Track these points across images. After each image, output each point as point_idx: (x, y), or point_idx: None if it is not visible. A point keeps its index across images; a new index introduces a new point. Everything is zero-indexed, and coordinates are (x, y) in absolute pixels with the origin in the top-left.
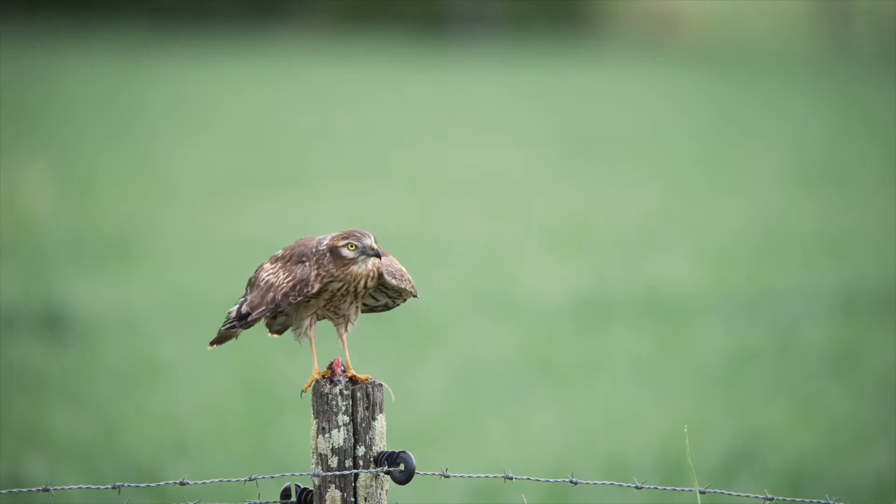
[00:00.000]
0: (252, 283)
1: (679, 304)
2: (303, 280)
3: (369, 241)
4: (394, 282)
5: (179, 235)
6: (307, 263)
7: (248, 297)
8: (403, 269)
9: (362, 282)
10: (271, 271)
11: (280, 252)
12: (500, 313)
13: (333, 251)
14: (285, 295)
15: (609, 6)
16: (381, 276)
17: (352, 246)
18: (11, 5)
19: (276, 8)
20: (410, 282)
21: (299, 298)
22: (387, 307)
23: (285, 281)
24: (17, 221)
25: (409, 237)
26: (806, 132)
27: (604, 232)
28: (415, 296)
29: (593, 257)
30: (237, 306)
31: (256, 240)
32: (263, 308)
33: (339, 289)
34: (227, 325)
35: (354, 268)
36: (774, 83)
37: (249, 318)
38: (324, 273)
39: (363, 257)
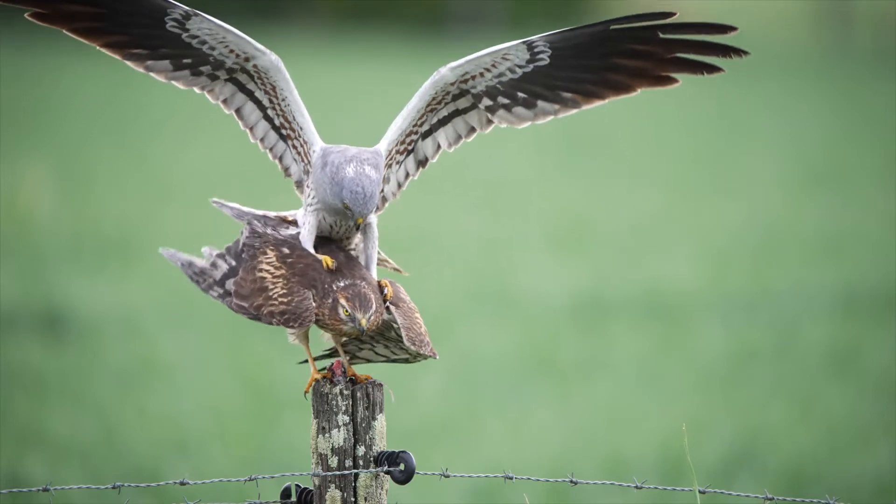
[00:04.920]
0: (246, 254)
1: (679, 304)
2: (296, 315)
3: (360, 318)
4: (413, 348)
5: (179, 235)
6: (311, 296)
7: (240, 274)
8: (423, 332)
9: (356, 334)
10: (272, 271)
11: (286, 250)
12: (499, 313)
13: (335, 301)
14: (271, 314)
15: (609, 6)
16: (399, 334)
17: (346, 311)
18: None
19: (276, 8)
20: (430, 346)
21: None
22: (406, 361)
23: (280, 300)
24: (17, 221)
25: (408, 236)
26: (806, 132)
27: (604, 231)
28: (435, 357)
29: (593, 257)
30: (219, 270)
31: None
32: (247, 308)
33: (333, 333)
34: (202, 283)
35: (343, 327)
36: (774, 83)
37: (227, 302)
38: (320, 314)
39: (352, 325)
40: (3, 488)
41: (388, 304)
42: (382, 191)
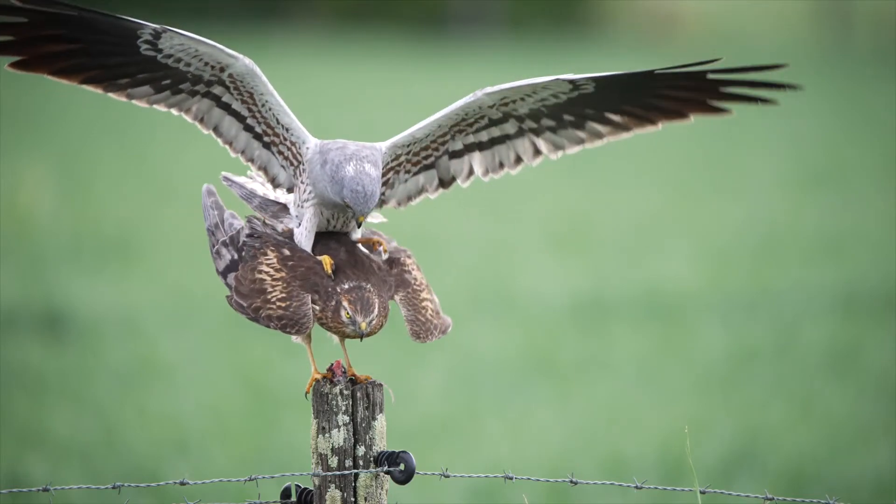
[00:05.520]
0: (246, 253)
1: (679, 304)
2: (294, 321)
3: (360, 321)
4: (416, 341)
5: (179, 235)
6: (313, 299)
7: (240, 271)
8: (429, 317)
9: (357, 337)
10: (272, 273)
11: (287, 252)
12: (499, 313)
13: (338, 303)
14: (269, 318)
15: (609, 6)
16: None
17: (347, 314)
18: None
19: (276, 8)
20: (438, 330)
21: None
22: None
23: (278, 304)
24: (17, 221)
25: (408, 237)
26: (806, 132)
27: (604, 232)
28: (446, 333)
29: (593, 257)
30: (223, 259)
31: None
32: (245, 308)
33: (336, 334)
34: (215, 260)
35: (345, 329)
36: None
37: (228, 297)
38: (322, 316)
39: (353, 328)
40: (3, 488)
41: (389, 286)
42: (384, 194)
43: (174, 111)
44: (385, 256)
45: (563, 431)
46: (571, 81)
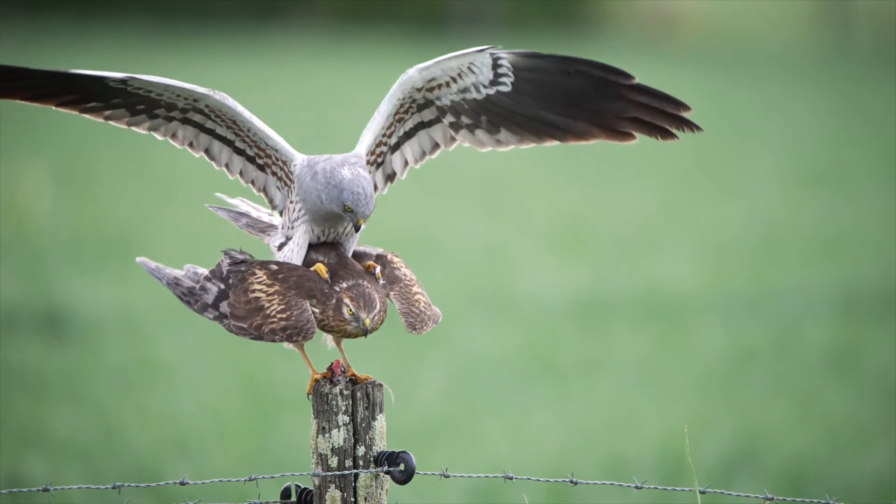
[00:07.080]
0: (234, 279)
1: (679, 305)
2: (298, 329)
3: (364, 316)
4: (413, 332)
5: (179, 235)
6: (311, 304)
7: (231, 298)
8: (422, 309)
9: (360, 335)
10: (265, 290)
11: (275, 267)
12: (499, 313)
13: (339, 301)
14: (273, 332)
15: (609, 6)
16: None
17: (350, 310)
18: (12, 5)
19: (276, 8)
20: (431, 321)
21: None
22: None
23: (279, 316)
24: (17, 221)
25: (408, 236)
26: (806, 132)
27: (603, 232)
28: (437, 324)
29: (593, 257)
30: (210, 294)
31: (256, 239)
32: (247, 329)
33: (337, 335)
34: (193, 304)
35: (348, 327)
36: (774, 83)
37: (225, 324)
38: (323, 317)
39: (356, 325)
40: (3, 488)
41: (383, 283)
42: None
43: (157, 135)
44: (382, 282)
45: (563, 431)
46: (493, 61)
